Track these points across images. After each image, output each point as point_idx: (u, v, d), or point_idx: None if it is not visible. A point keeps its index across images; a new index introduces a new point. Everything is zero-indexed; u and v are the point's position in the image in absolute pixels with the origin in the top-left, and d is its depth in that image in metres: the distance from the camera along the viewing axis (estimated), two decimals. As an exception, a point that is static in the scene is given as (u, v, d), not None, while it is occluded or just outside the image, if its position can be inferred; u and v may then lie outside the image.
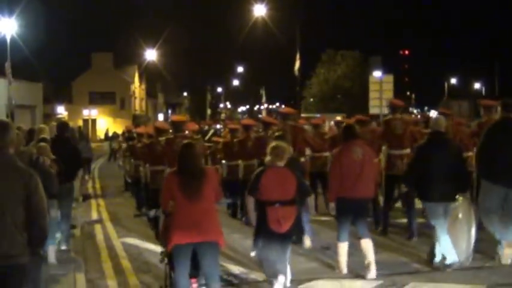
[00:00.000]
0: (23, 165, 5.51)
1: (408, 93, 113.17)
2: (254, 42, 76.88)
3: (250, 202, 8.52)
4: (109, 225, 14.63)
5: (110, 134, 46.37)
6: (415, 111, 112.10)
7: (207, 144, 17.55)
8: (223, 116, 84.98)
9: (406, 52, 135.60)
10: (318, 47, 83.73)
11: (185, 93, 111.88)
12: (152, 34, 72.05)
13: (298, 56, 40.56)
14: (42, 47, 53.78)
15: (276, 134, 10.73)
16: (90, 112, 77.58)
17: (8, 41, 35.70)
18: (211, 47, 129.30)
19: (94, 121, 79.38)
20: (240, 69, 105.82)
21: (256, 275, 9.75)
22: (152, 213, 8.90)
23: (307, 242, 11.47)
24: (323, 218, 14.45)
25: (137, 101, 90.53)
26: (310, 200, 9.55)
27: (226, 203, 14.31)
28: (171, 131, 13.12)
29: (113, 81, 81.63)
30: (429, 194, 9.84)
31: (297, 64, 40.75)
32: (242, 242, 12.11)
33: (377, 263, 10.00)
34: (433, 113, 62.63)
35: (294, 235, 9.16)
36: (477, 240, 10.15)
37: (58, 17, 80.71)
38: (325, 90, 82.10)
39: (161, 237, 7.98)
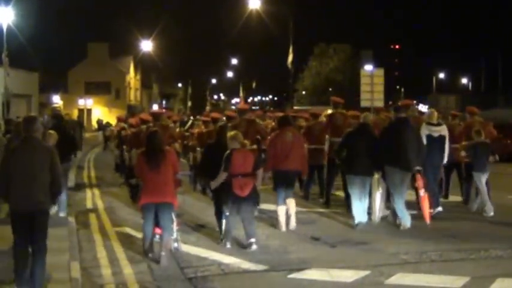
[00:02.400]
0: (46, 144, 8.74)
1: (398, 87, 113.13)
2: (248, 34, 76.83)
3: (223, 176, 10.83)
4: (104, 215, 14.63)
5: (105, 123, 46.15)
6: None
7: (186, 133, 20.39)
8: (207, 108, 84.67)
9: (397, 46, 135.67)
10: (310, 40, 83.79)
11: (180, 84, 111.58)
12: (148, 25, 71.87)
13: (291, 49, 40.59)
14: (38, 36, 53.70)
15: (230, 125, 13.91)
16: (85, 102, 77.32)
17: (5, 30, 35.52)
18: (206, 38, 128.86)
19: (89, 111, 79.13)
20: (234, 61, 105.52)
21: (249, 265, 9.83)
22: (134, 181, 12.28)
23: None
24: (320, 210, 14.59)
25: (132, 92, 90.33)
26: (260, 173, 11.18)
27: (188, 175, 17.16)
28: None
29: (108, 71, 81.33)
30: (351, 169, 12.60)
31: (290, 57, 40.79)
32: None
33: (366, 253, 10.21)
34: (421, 107, 62.95)
35: (255, 199, 11.26)
36: (463, 234, 10.88)
37: (55, 6, 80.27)
38: (318, 83, 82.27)
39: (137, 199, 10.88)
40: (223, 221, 11.19)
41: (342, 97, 18.03)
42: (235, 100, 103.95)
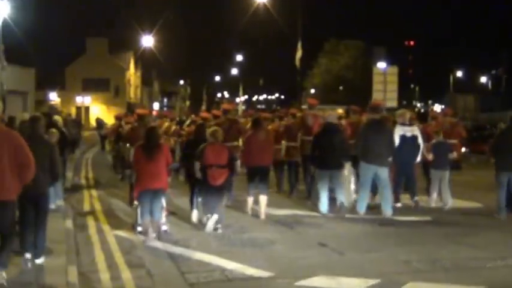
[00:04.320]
0: (48, 140, 10.57)
1: (412, 86, 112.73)
2: (254, 30, 76.96)
3: (197, 165, 13.02)
4: (102, 217, 14.68)
5: (104, 121, 46.05)
6: (418, 105, 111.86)
7: (182, 131, 22.04)
8: (203, 108, 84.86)
9: (411, 43, 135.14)
10: (320, 35, 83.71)
11: (182, 82, 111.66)
12: (149, 20, 72.20)
13: (299, 45, 40.47)
14: (35, 30, 53.76)
15: (214, 123, 16.23)
16: (83, 99, 77.60)
17: (0, 24, 35.59)
18: (210, 34, 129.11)
19: (87, 109, 79.38)
20: (239, 57, 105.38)
21: (254, 271, 9.86)
22: (128, 171, 15.05)
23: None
24: (327, 214, 14.64)
25: (132, 89, 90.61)
26: (236, 166, 13.70)
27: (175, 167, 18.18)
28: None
29: (107, 67, 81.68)
30: (321, 165, 14.89)
31: (299, 53, 40.66)
32: (236, 236, 12.30)
33: (375, 260, 10.23)
34: (437, 108, 62.70)
35: (226, 188, 13.52)
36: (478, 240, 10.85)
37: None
38: (327, 81, 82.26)
39: (134, 187, 12.75)
40: (195, 207, 13.85)
41: (353, 96, 18.63)
42: (239, 99, 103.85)
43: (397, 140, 15.36)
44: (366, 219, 14.19)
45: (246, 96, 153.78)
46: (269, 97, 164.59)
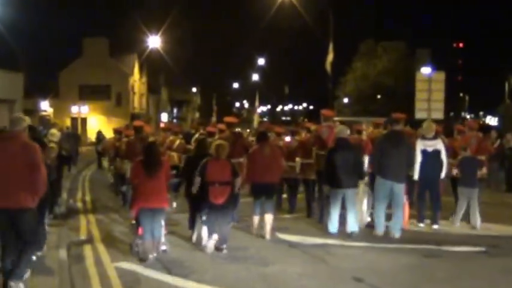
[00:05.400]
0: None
1: (461, 94, 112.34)
2: (278, 29, 77.02)
3: (197, 181, 13.88)
4: (101, 247, 14.67)
5: (103, 135, 46.12)
6: (468, 116, 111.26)
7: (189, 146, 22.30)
8: (213, 119, 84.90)
9: (460, 44, 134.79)
10: (355, 36, 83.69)
11: (194, 89, 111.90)
12: (156, 17, 72.31)
13: (331, 47, 40.43)
14: (25, 30, 54.15)
15: (218, 138, 17.47)
16: (79, 109, 77.74)
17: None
18: (227, 34, 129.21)
19: (84, 120, 79.62)
20: (261, 61, 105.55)
21: None
22: (124, 188, 17.22)
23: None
24: (363, 244, 14.65)
25: (136, 97, 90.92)
26: (237, 182, 14.36)
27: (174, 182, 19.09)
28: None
29: (107, 72, 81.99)
30: (333, 182, 15.72)
31: (330, 57, 40.61)
32: (257, 269, 12.30)
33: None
34: (489, 119, 62.16)
35: (230, 207, 14.20)
36: None
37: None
38: (363, 89, 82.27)
39: (131, 205, 13.63)
40: (197, 227, 14.61)
41: (393, 107, 18.84)
42: (261, 109, 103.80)
43: (419, 156, 16.58)
44: (408, 250, 14.16)
45: (269, 106, 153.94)
46: (295, 107, 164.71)
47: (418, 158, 16.59)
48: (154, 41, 69.65)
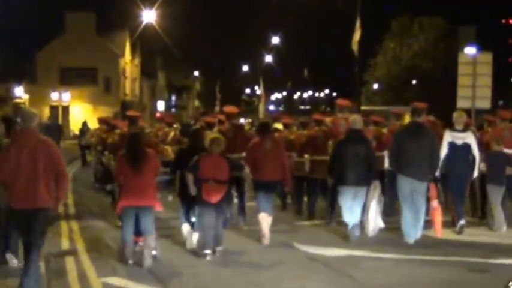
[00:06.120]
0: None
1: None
2: (295, 3, 76.99)
3: (190, 178, 14.32)
4: (85, 259, 14.72)
5: (88, 126, 46.07)
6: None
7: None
8: (216, 108, 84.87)
9: (511, 21, 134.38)
10: (386, 12, 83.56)
11: (196, 73, 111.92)
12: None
13: (358, 24, 40.33)
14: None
15: (216, 130, 18.39)
16: (60, 96, 77.75)
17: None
18: (235, 8, 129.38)
19: (66, 109, 79.49)
20: (276, 40, 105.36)
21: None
22: (109, 187, 17.71)
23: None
24: (393, 256, 14.66)
25: (128, 82, 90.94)
26: (245, 175, 15.94)
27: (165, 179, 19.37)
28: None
29: (94, 53, 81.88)
30: (342, 179, 16.03)
31: (357, 35, 40.51)
32: (273, 285, 12.29)
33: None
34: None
35: (224, 206, 14.72)
36: None
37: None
38: (396, 73, 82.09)
39: (117, 204, 14.30)
40: (186, 226, 15.27)
41: (431, 94, 18.83)
42: (275, 96, 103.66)
43: (445, 149, 16.86)
44: (448, 262, 14.16)
45: (284, 93, 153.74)
46: (316, 94, 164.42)
47: (444, 151, 16.81)
48: (150, 16, 69.11)
